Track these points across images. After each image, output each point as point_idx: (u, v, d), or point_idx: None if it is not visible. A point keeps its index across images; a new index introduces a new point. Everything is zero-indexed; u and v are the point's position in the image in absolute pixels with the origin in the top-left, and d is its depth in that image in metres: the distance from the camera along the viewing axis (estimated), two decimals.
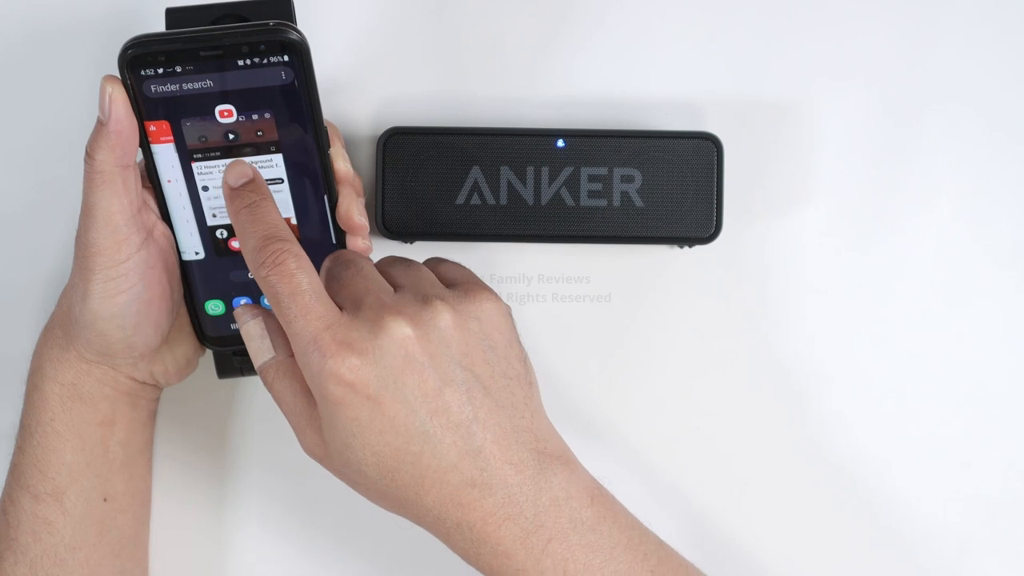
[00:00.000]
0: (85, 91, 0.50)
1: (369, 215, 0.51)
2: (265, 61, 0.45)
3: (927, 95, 0.58)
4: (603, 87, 0.58)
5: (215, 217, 0.49)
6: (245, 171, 0.45)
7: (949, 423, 0.58)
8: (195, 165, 0.47)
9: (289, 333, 0.42)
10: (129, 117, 0.45)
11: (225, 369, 0.54)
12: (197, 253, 0.50)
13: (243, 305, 0.46)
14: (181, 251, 0.50)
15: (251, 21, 0.46)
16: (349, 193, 0.49)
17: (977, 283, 0.58)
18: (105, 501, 0.51)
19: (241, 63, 0.45)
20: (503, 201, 0.55)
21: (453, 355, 0.43)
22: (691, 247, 0.56)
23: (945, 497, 0.58)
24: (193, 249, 0.50)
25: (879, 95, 0.58)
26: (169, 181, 0.48)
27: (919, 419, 0.58)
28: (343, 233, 0.49)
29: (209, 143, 0.47)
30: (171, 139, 0.47)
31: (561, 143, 0.55)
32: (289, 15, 0.48)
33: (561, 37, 0.58)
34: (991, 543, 0.58)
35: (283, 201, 0.48)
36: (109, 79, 0.45)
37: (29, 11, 0.58)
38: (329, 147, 0.48)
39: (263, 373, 0.45)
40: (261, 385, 0.56)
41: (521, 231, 0.55)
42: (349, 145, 0.57)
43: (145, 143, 0.47)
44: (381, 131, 0.55)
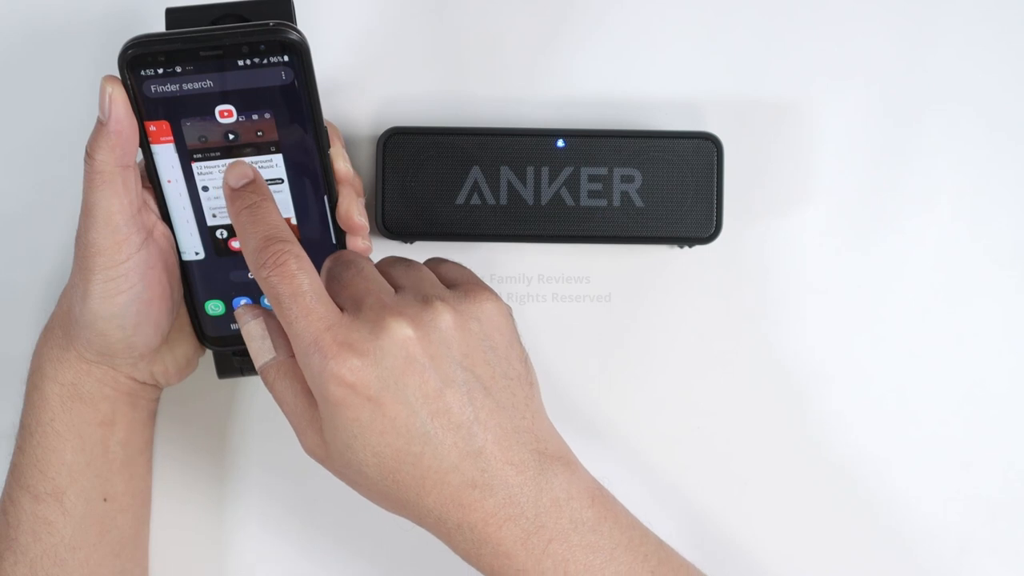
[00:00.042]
0: (85, 91, 0.50)
1: (369, 215, 0.51)
2: (265, 61, 0.45)
3: (927, 95, 0.58)
4: (603, 87, 0.58)
5: (215, 217, 0.49)
6: (246, 172, 0.45)
7: (949, 423, 0.58)
8: (195, 165, 0.47)
9: (290, 334, 0.42)
10: (129, 117, 0.45)
11: (225, 369, 0.54)
12: (197, 253, 0.50)
13: (244, 305, 0.46)
14: (181, 251, 0.50)
15: (251, 21, 0.46)
16: (349, 193, 0.49)
17: (977, 283, 0.58)
18: (105, 501, 0.51)
19: (241, 63, 0.45)
20: (503, 201, 0.55)
21: (454, 356, 0.43)
22: (691, 247, 0.56)
23: (945, 497, 0.58)
24: (193, 249, 0.50)
25: (879, 95, 0.58)
26: (169, 181, 0.48)
27: (919, 419, 0.58)
28: (343, 233, 0.49)
29: (209, 143, 0.47)
30: (171, 139, 0.47)
31: (561, 143, 0.55)
32: (289, 15, 0.48)
33: (561, 37, 0.58)
34: (991, 543, 0.58)
35: (283, 201, 0.48)
36: (109, 79, 0.45)
37: (29, 11, 0.58)
38: (329, 147, 0.48)
39: (264, 374, 0.45)
40: (261, 385, 0.56)
41: (521, 231, 0.55)
42: (349, 145, 0.57)
43: (145, 143, 0.47)
44: (381, 131, 0.55)
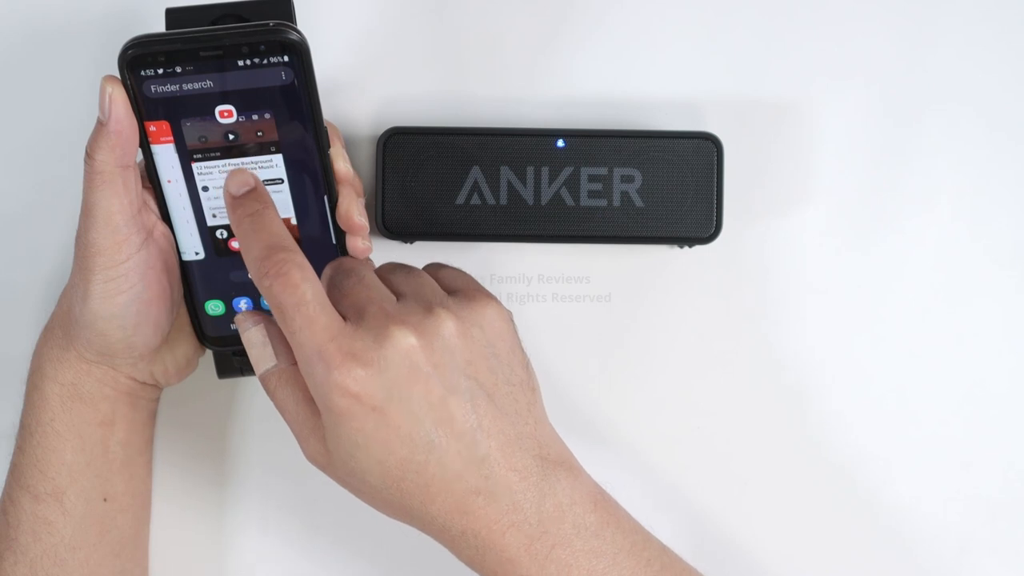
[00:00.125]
0: (85, 91, 0.50)
1: (369, 215, 0.51)
2: (265, 61, 0.45)
3: (927, 95, 0.57)
4: (603, 87, 0.58)
5: (215, 217, 0.49)
6: (247, 179, 0.45)
7: (949, 423, 0.58)
8: (195, 165, 0.47)
9: (293, 344, 0.42)
10: (129, 117, 0.45)
11: (225, 369, 0.54)
12: (197, 253, 0.50)
13: (244, 312, 0.46)
14: (181, 251, 0.50)
15: (251, 21, 0.46)
16: (349, 193, 0.49)
17: (977, 283, 0.58)
18: (105, 501, 0.51)
19: (241, 63, 0.45)
20: (503, 201, 0.55)
21: (457, 363, 0.43)
22: (691, 247, 0.56)
23: (945, 497, 0.58)
24: (193, 249, 0.50)
25: (879, 95, 0.58)
26: (169, 181, 0.48)
27: (919, 419, 0.58)
28: (343, 233, 0.49)
29: (209, 143, 0.47)
30: (171, 139, 0.47)
31: (561, 143, 0.55)
32: (289, 15, 0.48)
33: (561, 37, 0.58)
34: (991, 543, 0.58)
35: (283, 201, 0.48)
36: (109, 79, 0.45)
37: (29, 11, 0.58)
38: (329, 147, 0.48)
39: (265, 381, 0.45)
40: (261, 386, 0.56)
41: (521, 231, 0.55)
42: (349, 145, 0.57)
43: (145, 143, 0.46)
44: (381, 131, 0.55)
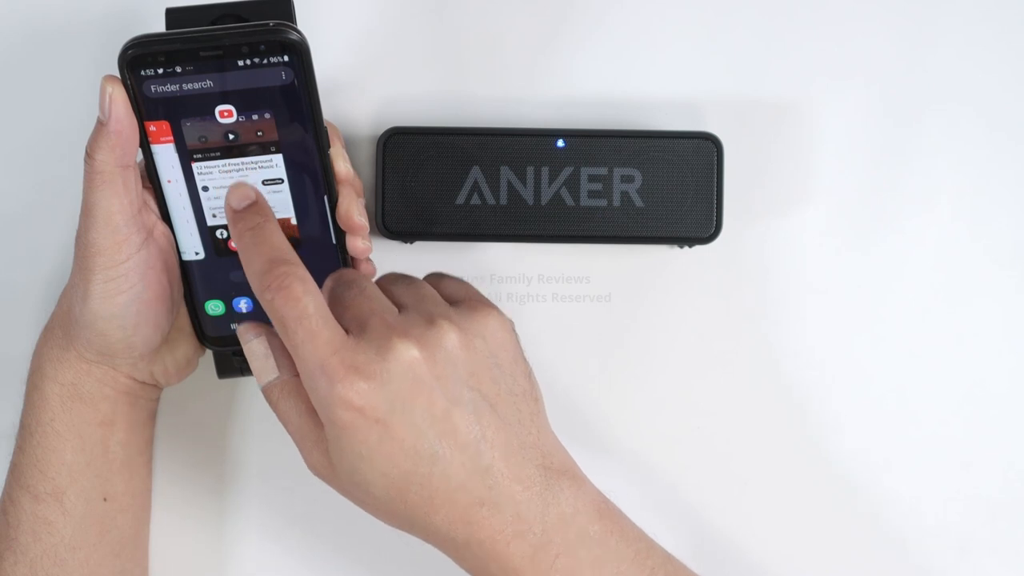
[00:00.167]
0: (85, 91, 0.50)
1: (369, 215, 0.51)
2: (265, 61, 0.45)
3: (927, 95, 0.57)
4: (603, 87, 0.58)
5: (215, 217, 0.49)
6: (248, 193, 0.45)
7: (949, 423, 0.58)
8: (195, 165, 0.47)
9: (296, 357, 0.42)
10: (129, 117, 0.45)
11: (225, 369, 0.54)
12: (197, 253, 0.50)
13: (246, 323, 0.46)
14: (181, 251, 0.50)
15: (251, 21, 0.46)
16: (349, 193, 0.49)
17: (977, 283, 0.58)
18: (105, 501, 0.51)
19: (241, 63, 0.45)
20: (503, 201, 0.55)
21: (460, 375, 0.43)
22: (691, 247, 0.56)
23: (945, 497, 0.58)
24: (193, 249, 0.50)
25: (879, 95, 0.58)
26: (169, 181, 0.48)
27: (919, 419, 0.58)
28: (343, 233, 0.49)
29: (209, 143, 0.47)
30: (171, 139, 0.47)
31: (561, 143, 0.55)
32: (289, 15, 0.48)
33: (561, 37, 0.58)
34: (991, 543, 0.58)
35: (283, 201, 0.48)
36: (109, 79, 0.45)
37: (29, 11, 0.58)
38: (329, 147, 0.48)
39: (267, 393, 0.45)
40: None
41: (521, 231, 0.55)
42: (349, 145, 0.57)
43: (145, 143, 0.46)
44: (381, 131, 0.55)
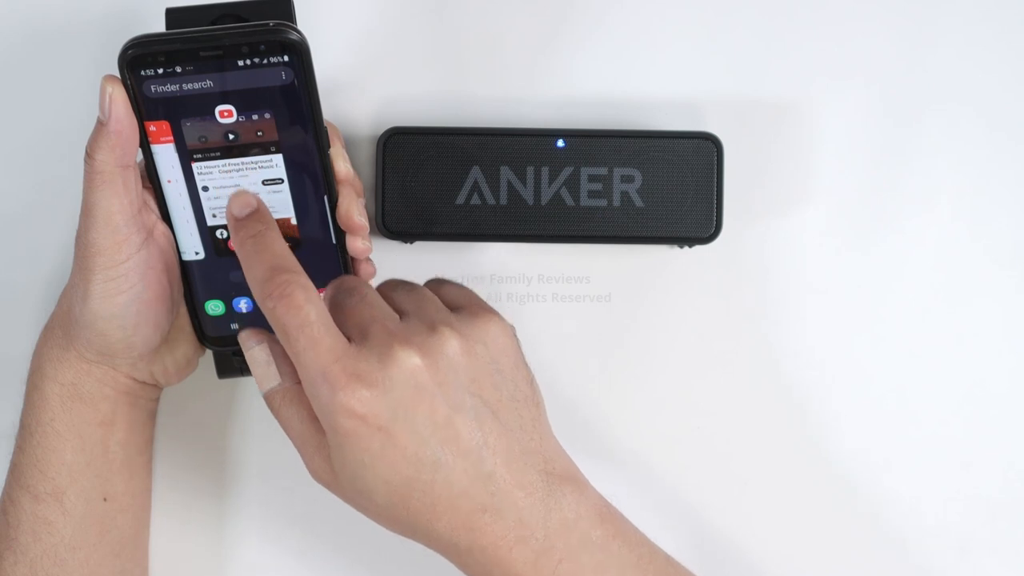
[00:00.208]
0: (85, 91, 0.50)
1: (369, 215, 0.51)
2: (265, 61, 0.45)
3: (927, 95, 0.57)
4: (603, 87, 0.58)
5: (215, 217, 0.49)
6: (249, 201, 0.45)
7: (949, 423, 0.58)
8: (195, 165, 0.47)
9: (297, 365, 0.42)
10: (129, 117, 0.45)
11: (225, 369, 0.54)
12: (197, 253, 0.50)
13: (248, 330, 0.46)
14: (181, 251, 0.50)
15: (251, 21, 0.46)
16: (349, 193, 0.49)
17: (977, 283, 0.58)
18: (105, 501, 0.51)
19: (241, 63, 0.45)
20: (503, 201, 0.55)
21: (462, 381, 0.43)
22: (691, 247, 0.56)
23: (945, 497, 0.58)
24: (193, 249, 0.50)
25: (879, 95, 0.58)
26: (169, 181, 0.48)
27: (919, 419, 0.58)
28: (343, 233, 0.49)
29: (209, 143, 0.47)
30: (171, 139, 0.47)
31: (561, 143, 0.55)
32: (289, 15, 0.48)
33: (561, 37, 0.58)
34: (991, 543, 0.58)
35: (283, 201, 0.48)
36: (109, 79, 0.45)
37: (29, 11, 0.58)
38: (329, 147, 0.48)
39: (269, 400, 0.45)
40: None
41: (521, 231, 0.55)
42: (349, 145, 0.57)
43: (145, 143, 0.46)
44: (381, 131, 0.55)
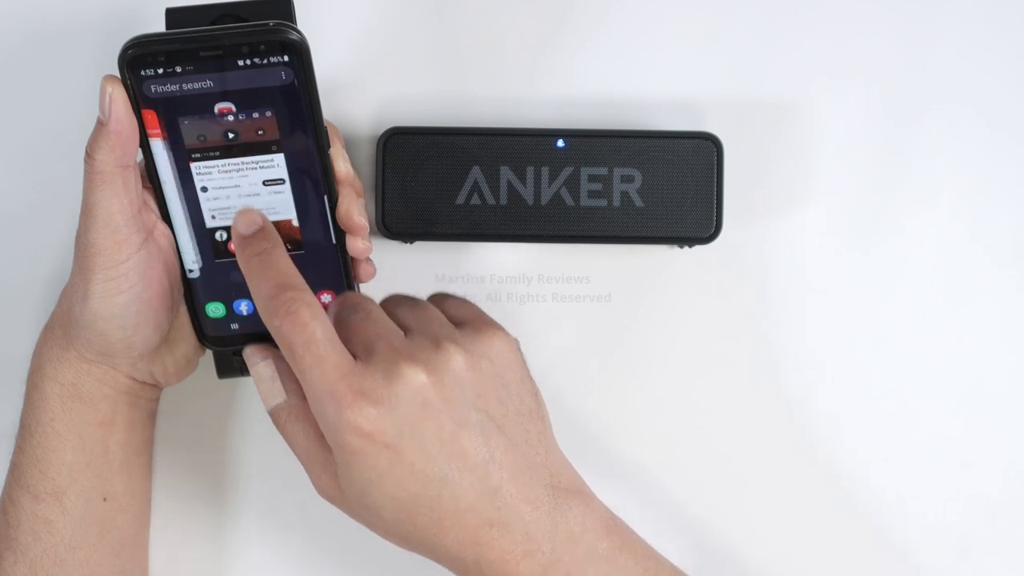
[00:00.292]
0: (85, 91, 0.50)
1: (369, 215, 0.51)
2: (265, 61, 0.45)
3: (927, 95, 0.57)
4: (603, 87, 0.58)
5: (214, 219, 0.49)
6: (255, 219, 0.45)
7: (949, 423, 0.58)
8: (194, 165, 0.47)
9: (303, 382, 0.42)
10: (129, 117, 0.45)
11: (225, 369, 0.54)
12: (197, 257, 0.50)
13: (253, 346, 0.46)
14: (181, 252, 0.49)
15: (251, 21, 0.46)
16: (349, 193, 0.49)
17: (977, 283, 0.58)
18: (105, 501, 0.51)
19: (241, 63, 0.45)
20: (503, 201, 0.55)
21: (467, 397, 0.43)
22: (691, 247, 0.56)
23: (945, 497, 0.58)
24: (193, 250, 0.49)
25: (879, 95, 0.58)
26: (169, 181, 0.48)
27: (919, 419, 0.58)
28: (343, 233, 0.49)
29: (209, 143, 0.47)
30: (171, 139, 0.46)
31: (561, 143, 0.55)
32: (289, 15, 0.48)
33: (561, 37, 0.58)
34: (991, 543, 0.58)
35: (283, 201, 0.48)
36: (109, 79, 0.45)
37: (29, 11, 0.58)
38: (329, 147, 0.48)
39: (275, 416, 0.45)
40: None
41: (521, 231, 0.55)
42: (349, 145, 0.57)
43: (145, 143, 0.46)
44: (381, 131, 0.55)
